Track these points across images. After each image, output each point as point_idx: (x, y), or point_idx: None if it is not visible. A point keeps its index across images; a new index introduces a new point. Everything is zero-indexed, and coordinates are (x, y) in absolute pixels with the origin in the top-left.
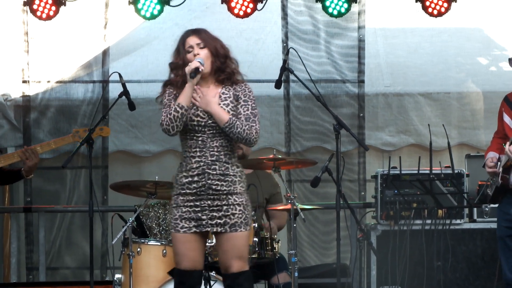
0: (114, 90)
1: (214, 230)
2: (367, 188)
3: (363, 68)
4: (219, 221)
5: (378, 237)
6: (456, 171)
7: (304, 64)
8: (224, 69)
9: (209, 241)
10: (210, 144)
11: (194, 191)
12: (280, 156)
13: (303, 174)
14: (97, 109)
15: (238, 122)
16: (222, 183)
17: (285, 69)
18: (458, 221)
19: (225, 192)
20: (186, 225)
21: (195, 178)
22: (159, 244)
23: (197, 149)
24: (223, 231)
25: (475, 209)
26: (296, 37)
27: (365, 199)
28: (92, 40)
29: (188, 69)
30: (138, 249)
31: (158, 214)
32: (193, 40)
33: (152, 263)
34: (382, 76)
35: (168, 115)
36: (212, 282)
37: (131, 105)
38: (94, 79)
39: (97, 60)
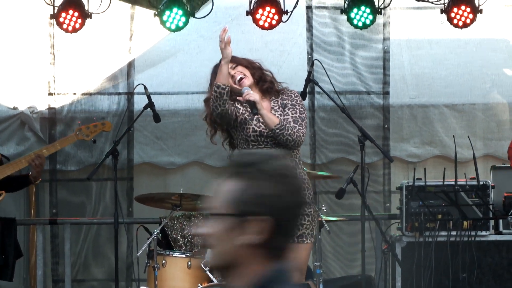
0: (139, 102)
1: None
2: (392, 199)
3: (388, 79)
4: None
5: (403, 249)
6: (481, 183)
7: (328, 76)
8: (265, 79)
9: None
10: None
11: None
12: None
13: (328, 186)
14: (122, 121)
15: (288, 125)
16: None
17: (310, 80)
18: (483, 233)
19: None
20: None
21: None
22: (184, 256)
23: None
24: (291, 241)
25: (501, 221)
26: (321, 48)
27: (390, 210)
28: (117, 52)
29: (250, 106)
30: (163, 261)
31: (183, 226)
32: None
33: (177, 275)
34: (407, 87)
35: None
36: None
37: (156, 117)
38: (119, 91)
39: (123, 72)
